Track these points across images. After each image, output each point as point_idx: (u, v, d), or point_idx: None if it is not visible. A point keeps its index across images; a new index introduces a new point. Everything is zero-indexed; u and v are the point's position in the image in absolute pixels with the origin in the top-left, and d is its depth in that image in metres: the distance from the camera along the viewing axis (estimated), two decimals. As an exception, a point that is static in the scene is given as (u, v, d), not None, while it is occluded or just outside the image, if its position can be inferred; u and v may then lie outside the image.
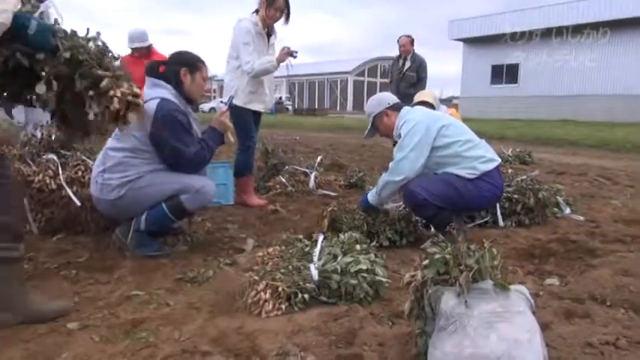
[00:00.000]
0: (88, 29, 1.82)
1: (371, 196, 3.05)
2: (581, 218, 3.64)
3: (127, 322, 1.92)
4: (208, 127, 2.92)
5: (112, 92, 1.87)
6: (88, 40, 1.79)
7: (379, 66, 40.76)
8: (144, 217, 2.68)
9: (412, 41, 6.69)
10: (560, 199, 3.78)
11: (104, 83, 1.82)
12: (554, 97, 21.24)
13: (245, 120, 4.01)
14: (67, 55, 1.67)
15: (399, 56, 6.80)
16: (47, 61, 1.64)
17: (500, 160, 2.97)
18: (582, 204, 4.15)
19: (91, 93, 1.80)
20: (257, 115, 4.14)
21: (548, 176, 5.77)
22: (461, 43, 24.69)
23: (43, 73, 1.65)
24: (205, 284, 2.34)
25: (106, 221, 3.01)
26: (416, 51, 6.72)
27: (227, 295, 2.16)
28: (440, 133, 2.85)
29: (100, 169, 2.68)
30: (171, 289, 2.29)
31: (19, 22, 1.54)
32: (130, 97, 1.93)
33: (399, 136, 2.93)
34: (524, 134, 12.65)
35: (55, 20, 1.70)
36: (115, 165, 2.63)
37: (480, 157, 2.84)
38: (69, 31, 1.73)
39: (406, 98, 6.25)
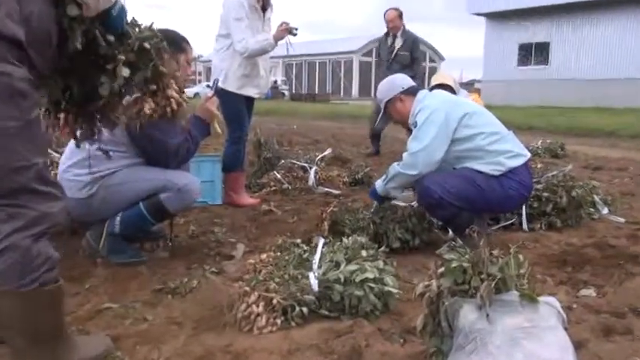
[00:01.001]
0: (152, 23, 1.87)
1: (378, 185, 3.10)
2: (622, 220, 3.64)
3: (98, 340, 1.91)
4: (192, 115, 2.91)
5: (169, 92, 1.94)
6: (150, 32, 1.83)
7: (389, 45, 40.71)
8: (118, 218, 2.68)
9: (400, 15, 6.60)
10: (596, 198, 3.79)
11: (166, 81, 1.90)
12: (591, 81, 21.20)
13: (236, 107, 4.01)
14: (138, 44, 1.74)
15: (387, 34, 6.72)
16: (117, 46, 1.69)
17: (529, 155, 2.97)
18: (622, 203, 4.16)
19: (152, 87, 1.86)
20: (250, 101, 4.14)
21: (583, 172, 5.78)
22: (483, 19, 24.64)
23: (120, 58, 1.69)
24: (189, 296, 2.34)
25: (74, 223, 3.01)
26: (407, 26, 6.66)
27: (213, 308, 2.16)
28: (462, 123, 2.85)
29: (68, 163, 2.68)
30: (149, 301, 2.29)
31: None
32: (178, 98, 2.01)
33: (415, 124, 2.93)
34: (556, 123, 12.65)
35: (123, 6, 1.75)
36: (85, 159, 2.63)
37: (506, 151, 2.84)
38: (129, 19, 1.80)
39: None
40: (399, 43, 6.61)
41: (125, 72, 1.71)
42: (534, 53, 23.21)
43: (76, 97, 1.77)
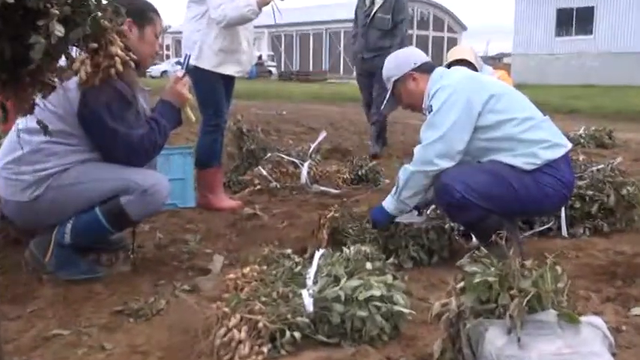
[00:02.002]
0: None
1: (387, 202, 3.03)
2: (683, 223, 3.65)
3: (45, 374, 1.92)
4: (160, 100, 2.91)
5: (113, 49, 1.93)
6: None
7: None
8: (69, 226, 2.68)
9: None
10: (652, 197, 3.79)
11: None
12: (645, 54, 21.29)
13: (212, 89, 4.01)
14: None
15: None
16: None
17: (570, 145, 2.98)
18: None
19: (93, 45, 1.86)
20: (229, 81, 4.14)
21: (635, 165, 5.80)
22: (513, -21, 24.71)
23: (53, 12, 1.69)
24: (155, 319, 2.34)
25: (15, 232, 3.00)
26: None
27: (185, 333, 2.16)
28: (487, 108, 2.86)
29: (8, 158, 2.67)
30: (107, 326, 2.28)
31: None
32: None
33: (430, 109, 2.94)
34: (602, 106, 12.69)
35: None
36: (30, 153, 2.62)
37: (542, 140, 2.85)
38: None
39: (378, 54, 6.15)
40: (378, 3, 6.44)
41: (59, 29, 1.69)
42: (576, 20, 23.25)
43: (7, 61, 1.76)
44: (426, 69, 3.10)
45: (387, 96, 3.21)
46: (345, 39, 40.53)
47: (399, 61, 3.16)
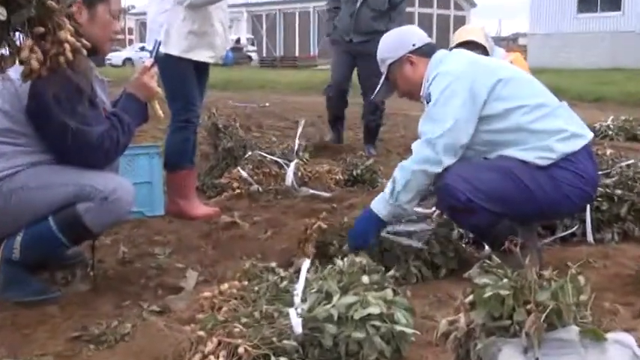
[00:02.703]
0: None
1: (379, 205, 2.96)
2: None
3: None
4: (123, 92, 2.91)
5: (62, 34, 1.91)
6: None
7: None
8: (18, 239, 2.67)
9: None
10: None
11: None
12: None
13: (182, 78, 4.00)
14: None
15: None
16: None
17: (591, 135, 2.99)
18: None
19: (39, 30, 1.85)
20: (202, 69, 4.14)
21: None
22: (528, -53, 24.84)
23: None
24: (119, 345, 2.33)
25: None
26: None
27: (155, 361, 2.15)
28: (493, 95, 2.87)
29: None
30: (63, 354, 2.27)
31: None
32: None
33: (428, 97, 2.95)
34: (633, 92, 12.74)
35: None
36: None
37: (558, 130, 2.86)
38: None
39: (369, 39, 6.07)
40: None
41: (1, 12, 1.69)
42: (601, -5, 23.38)
43: None
44: (425, 52, 3.11)
45: (381, 80, 3.21)
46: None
47: (396, 41, 3.18)
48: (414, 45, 3.11)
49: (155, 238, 3.67)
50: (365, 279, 2.25)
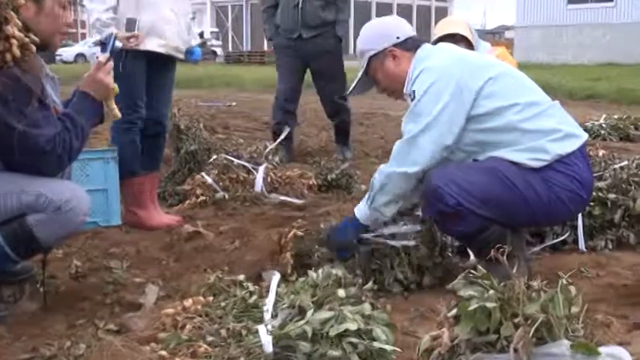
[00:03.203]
0: None
1: (359, 208, 3.07)
2: None
3: None
4: (76, 91, 2.89)
5: (9, 29, 1.90)
6: None
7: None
8: (-41, 253, 2.64)
9: None
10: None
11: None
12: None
13: (127, 72, 3.86)
14: None
15: None
16: None
17: (586, 135, 3.03)
18: None
19: None
20: (158, 63, 4.13)
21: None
22: None
23: None
24: (74, 368, 2.32)
25: None
26: None
27: (113, 385, 2.15)
28: (482, 93, 2.90)
29: None
30: (11, 378, 2.27)
31: None
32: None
33: (413, 95, 2.98)
34: (627, 89, 12.87)
35: None
36: None
37: (552, 130, 2.89)
38: None
39: (320, 32, 6.13)
40: None
41: None
42: (593, -16, 23.61)
43: None
44: (410, 46, 3.13)
45: (360, 74, 3.23)
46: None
47: (378, 32, 3.20)
48: (398, 38, 3.13)
49: (111, 250, 3.65)
50: (341, 292, 2.26)
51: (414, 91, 2.98)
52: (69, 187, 2.74)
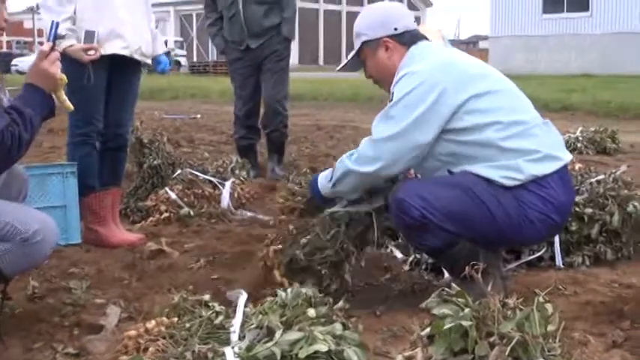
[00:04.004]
0: None
1: (321, 182, 3.17)
2: None
3: None
4: (24, 84, 2.83)
5: None
6: None
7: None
8: None
9: None
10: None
11: None
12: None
13: (82, 81, 3.84)
14: None
15: None
16: None
17: (569, 158, 3.04)
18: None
19: None
20: (120, 69, 4.08)
21: (644, 175, 5.96)
22: (489, -58, 25.34)
23: None
24: (29, 394, 2.29)
25: None
26: None
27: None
28: (464, 108, 2.90)
29: None
30: (-38, 406, 2.23)
31: None
32: None
33: (391, 96, 2.99)
34: (603, 101, 13.04)
35: None
36: None
37: (530, 151, 2.88)
38: None
39: (267, 38, 6.12)
40: None
41: None
42: (569, -6, 23.93)
43: None
44: (406, 40, 3.12)
45: (351, 54, 3.24)
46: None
47: (377, 19, 3.19)
48: (395, 29, 3.11)
49: (70, 270, 3.62)
50: (311, 312, 2.25)
51: (393, 92, 2.98)
52: (39, 217, 2.69)
